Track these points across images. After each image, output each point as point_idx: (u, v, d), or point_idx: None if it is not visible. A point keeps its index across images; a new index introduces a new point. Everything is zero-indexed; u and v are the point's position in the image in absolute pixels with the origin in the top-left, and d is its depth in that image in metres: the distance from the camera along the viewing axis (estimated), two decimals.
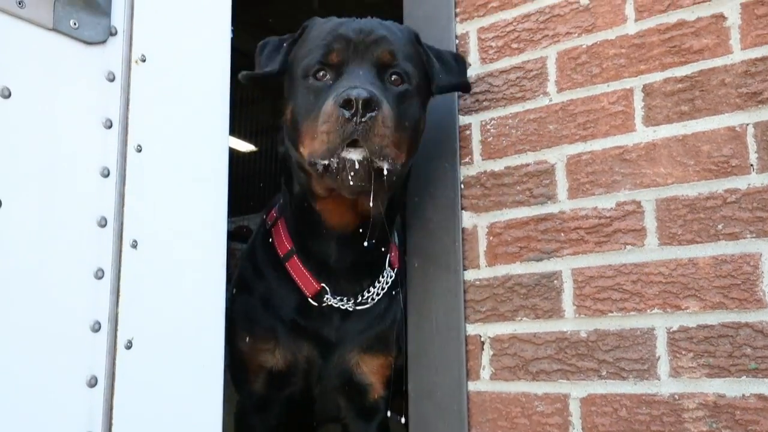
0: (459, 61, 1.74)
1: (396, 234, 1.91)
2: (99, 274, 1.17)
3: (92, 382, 1.12)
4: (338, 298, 1.79)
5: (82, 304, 1.14)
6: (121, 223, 1.22)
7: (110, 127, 1.23)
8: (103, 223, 1.19)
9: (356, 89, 1.41)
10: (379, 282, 1.83)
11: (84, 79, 1.21)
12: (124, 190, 1.23)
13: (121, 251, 1.21)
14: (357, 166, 1.42)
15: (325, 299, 1.78)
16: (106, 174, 1.21)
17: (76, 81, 1.20)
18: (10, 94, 1.09)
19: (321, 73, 1.59)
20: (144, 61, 1.29)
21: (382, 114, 1.42)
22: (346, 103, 1.40)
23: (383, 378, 1.87)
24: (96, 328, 1.15)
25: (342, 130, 1.41)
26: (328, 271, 1.79)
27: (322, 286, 1.78)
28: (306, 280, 1.79)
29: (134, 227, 1.24)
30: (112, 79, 1.24)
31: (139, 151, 1.27)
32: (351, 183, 1.44)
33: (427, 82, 1.67)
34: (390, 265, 1.86)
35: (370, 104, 1.40)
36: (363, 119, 1.40)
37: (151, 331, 1.23)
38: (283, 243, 1.85)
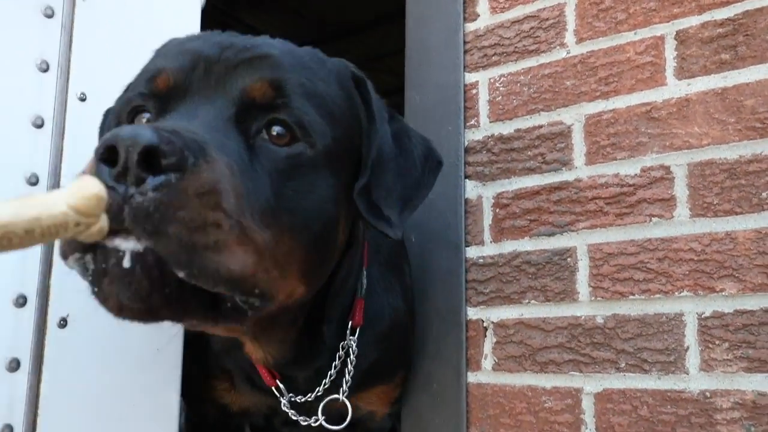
0: (429, 162, 1.20)
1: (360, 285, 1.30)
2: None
3: (13, 366, 0.97)
4: (299, 397, 1.26)
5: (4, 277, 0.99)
6: (57, 182, 1.06)
7: (46, 70, 1.07)
8: (33, 181, 1.03)
9: (134, 127, 0.74)
10: (341, 358, 1.25)
11: (16, 14, 1.05)
12: (62, 144, 1.07)
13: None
14: (129, 261, 0.71)
15: (282, 404, 1.26)
16: (39, 124, 1.05)
17: (7, 16, 1.04)
18: None
19: (141, 117, 0.95)
20: None
21: (198, 176, 0.74)
22: (106, 153, 0.71)
23: (390, 400, 1.45)
24: (20, 302, 0.99)
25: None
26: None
27: (278, 384, 1.26)
28: (261, 369, 1.25)
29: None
30: (50, 15, 1.08)
31: (83, 100, 1.10)
32: (122, 301, 0.74)
33: (354, 154, 1.04)
34: (352, 330, 1.27)
35: (156, 156, 0.71)
36: (140, 190, 0.70)
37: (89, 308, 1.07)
38: None
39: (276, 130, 0.91)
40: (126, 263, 0.70)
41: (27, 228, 0.56)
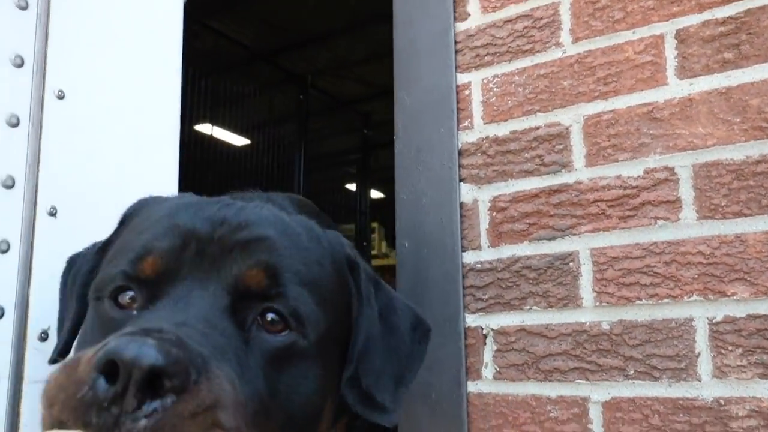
0: (419, 333, 1.12)
1: None
2: (3, 247, 0.92)
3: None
4: None
5: None
6: (35, 186, 0.97)
7: (21, 65, 0.98)
8: (9, 184, 0.94)
9: (140, 343, 0.68)
10: None
11: None
12: (39, 145, 0.98)
13: (34, 221, 0.96)
14: None
15: None
16: (14, 123, 0.96)
17: None
18: None
19: (126, 297, 0.89)
20: None
21: (199, 397, 0.70)
22: (105, 368, 0.67)
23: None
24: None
25: (88, 420, 0.67)
26: None
27: None
28: None
29: (50, 192, 0.99)
30: (24, 7, 0.99)
31: (61, 98, 1.02)
32: None
33: (343, 339, 1.00)
34: None
35: (158, 377, 0.67)
36: (136, 416, 0.66)
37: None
38: None
39: (270, 317, 0.88)
40: None
41: None
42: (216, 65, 8.02)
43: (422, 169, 1.50)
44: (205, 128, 8.14)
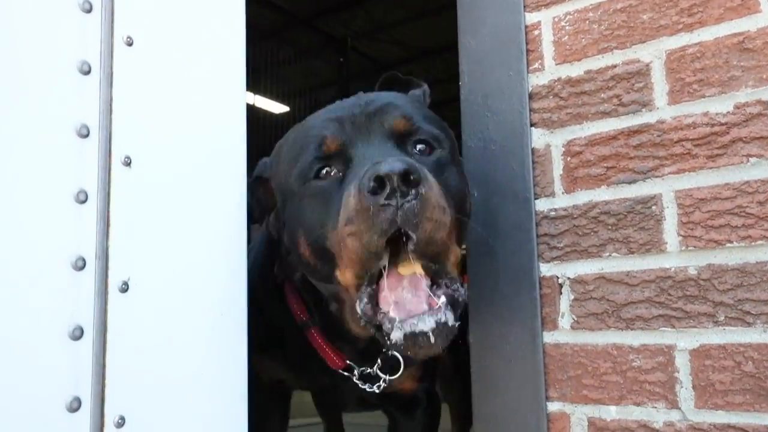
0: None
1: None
2: (81, 197, 0.91)
3: (76, 334, 0.87)
4: (368, 370, 1.50)
5: (60, 236, 0.89)
6: (109, 135, 0.95)
7: (89, 11, 0.96)
8: (84, 133, 0.93)
9: (383, 163, 1.03)
10: None
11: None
12: (111, 93, 0.96)
13: (110, 169, 0.95)
14: (432, 336, 1.05)
15: (355, 378, 1.49)
16: (86, 71, 0.94)
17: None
18: None
19: (324, 171, 1.23)
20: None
21: (428, 188, 1.07)
22: (378, 184, 1.02)
23: (414, 379, 1.67)
24: (80, 265, 0.89)
25: (380, 224, 1.02)
26: (357, 351, 1.50)
27: (349, 363, 1.49)
28: (328, 355, 1.48)
29: (125, 142, 0.97)
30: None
31: (130, 44, 0.99)
32: (421, 354, 1.08)
33: (456, 143, 1.38)
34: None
35: (409, 176, 1.02)
36: (407, 199, 1.02)
37: (152, 269, 0.98)
38: (297, 313, 1.51)
39: (419, 146, 1.28)
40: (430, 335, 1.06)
41: None
42: (253, 32, 8.01)
43: (490, 116, 1.44)
44: (246, 97, 8.17)
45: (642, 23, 1.29)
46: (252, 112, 8.13)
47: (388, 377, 1.48)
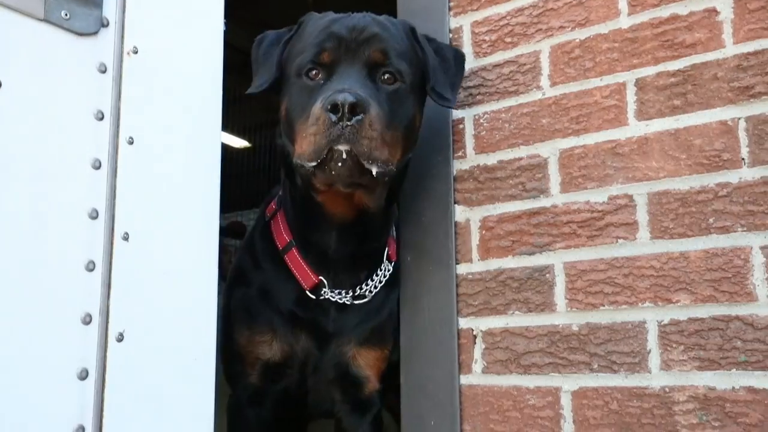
0: (458, 59, 1.72)
1: (394, 227, 1.90)
2: (90, 267, 1.17)
3: (83, 375, 1.12)
4: (336, 291, 1.79)
5: (73, 296, 1.14)
6: (113, 216, 1.21)
7: (102, 119, 1.22)
8: (94, 215, 1.19)
9: (342, 93, 1.41)
10: (377, 275, 1.83)
11: (75, 71, 1.20)
12: (116, 183, 1.22)
13: (112, 243, 1.20)
14: (345, 157, 1.42)
15: (322, 292, 1.78)
16: (97, 166, 1.20)
17: (68, 73, 1.19)
18: (0, 85, 1.08)
19: (313, 72, 1.59)
20: (136, 53, 1.29)
21: (369, 117, 1.42)
22: (333, 107, 1.40)
23: (379, 371, 1.86)
24: (87, 320, 1.14)
25: (329, 133, 1.42)
26: (326, 264, 1.78)
27: (321, 279, 1.78)
28: (304, 273, 1.78)
29: (126, 220, 1.23)
30: (104, 71, 1.24)
31: (131, 143, 1.26)
32: (340, 174, 1.46)
33: (423, 78, 1.66)
34: (388, 259, 1.85)
35: (356, 108, 1.40)
36: (349, 123, 1.40)
37: (142, 324, 1.23)
38: (282, 235, 1.84)
39: (386, 76, 1.59)
40: (344, 155, 1.43)
41: None
42: None
43: (422, 192, 1.74)
44: None
45: (542, 126, 1.61)
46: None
47: (350, 296, 1.80)
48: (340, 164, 1.43)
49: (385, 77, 1.58)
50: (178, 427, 1.25)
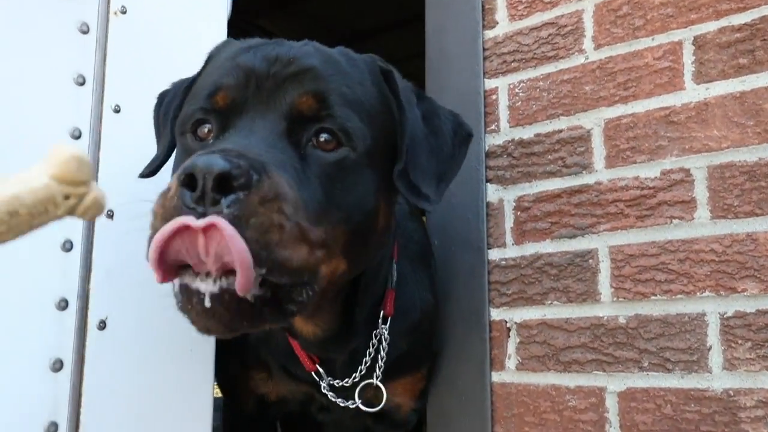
0: (459, 134, 1.25)
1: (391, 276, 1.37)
2: (67, 246, 1.04)
3: (57, 366, 0.99)
4: (336, 382, 1.36)
5: (47, 280, 1.01)
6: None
7: (83, 84, 1.10)
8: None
9: (207, 155, 0.83)
10: (374, 346, 1.34)
11: (52, 30, 1.08)
12: (99, 155, 1.10)
13: (93, 221, 1.07)
14: (209, 300, 0.83)
15: (322, 388, 1.36)
16: (77, 136, 1.08)
17: (43, 32, 1.07)
18: None
19: (203, 128, 1.04)
20: (124, 12, 1.16)
21: (261, 192, 0.84)
22: (188, 180, 0.82)
23: (415, 393, 1.49)
24: (62, 306, 1.02)
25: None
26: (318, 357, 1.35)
27: (318, 369, 1.35)
28: (302, 354, 1.34)
29: (109, 196, 1.10)
30: (86, 32, 1.11)
31: (117, 111, 1.13)
32: (209, 327, 0.86)
33: (390, 145, 1.12)
34: (384, 320, 1.34)
35: (229, 181, 0.81)
36: (215, 210, 0.81)
37: (128, 310, 1.10)
38: None
39: (323, 137, 1.00)
40: (207, 298, 0.83)
41: (9, 210, 0.51)
42: None
43: None
44: None
45: (585, 93, 1.42)
46: None
47: (359, 402, 1.34)
48: (199, 306, 0.83)
49: (321, 138, 1.00)
50: (169, 429, 1.12)
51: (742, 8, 1.26)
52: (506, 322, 1.44)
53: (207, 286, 0.82)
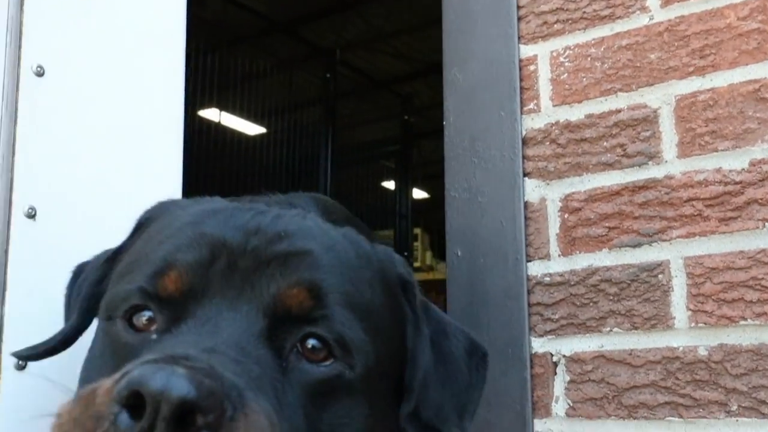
0: (474, 358, 1.20)
1: None
2: None
3: None
4: None
5: None
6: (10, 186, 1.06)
7: None
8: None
9: (165, 371, 0.73)
10: None
11: None
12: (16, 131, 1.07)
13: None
14: None
15: None
16: None
17: None
18: None
19: (141, 316, 0.94)
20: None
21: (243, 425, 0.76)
22: (130, 399, 0.72)
23: None
24: None
25: None
26: None
27: None
28: None
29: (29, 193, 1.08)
30: None
31: (40, 74, 1.11)
32: None
33: (396, 373, 1.06)
34: None
35: (192, 416, 0.72)
36: None
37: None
38: None
39: (311, 343, 0.93)
40: None
41: None
42: (225, 38, 8.21)
43: (478, 162, 1.55)
44: (211, 114, 8.34)
45: (650, 63, 1.41)
46: (218, 131, 8.32)
47: None
48: None
49: (309, 345, 0.93)
50: None
51: None
52: (552, 355, 1.42)
53: None
